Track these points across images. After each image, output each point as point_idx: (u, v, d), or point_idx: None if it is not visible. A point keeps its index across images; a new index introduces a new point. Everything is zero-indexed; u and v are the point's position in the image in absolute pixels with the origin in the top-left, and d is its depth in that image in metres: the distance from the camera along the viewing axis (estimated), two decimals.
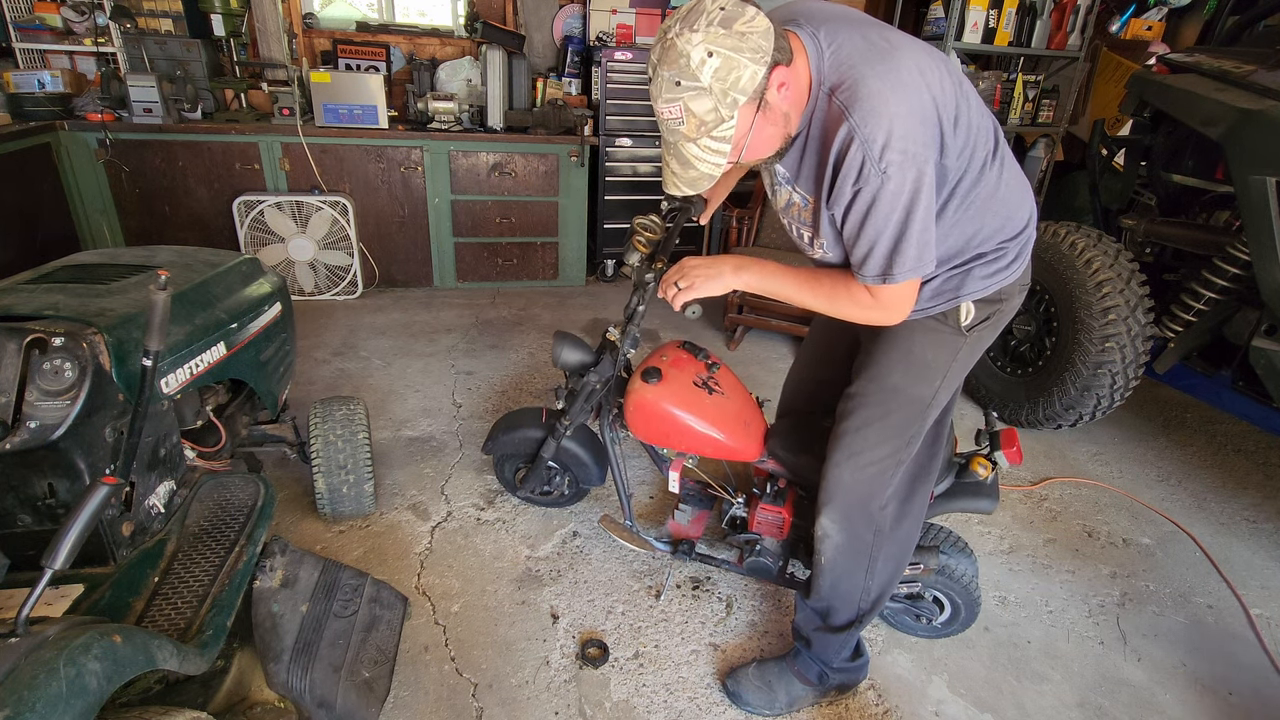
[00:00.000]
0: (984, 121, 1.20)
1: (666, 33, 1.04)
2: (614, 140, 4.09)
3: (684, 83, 1.03)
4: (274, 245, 3.71)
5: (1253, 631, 1.96)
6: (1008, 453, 1.57)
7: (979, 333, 1.36)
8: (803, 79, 1.12)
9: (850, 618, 1.53)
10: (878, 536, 1.44)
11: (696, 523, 1.99)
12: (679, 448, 1.77)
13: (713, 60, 1.00)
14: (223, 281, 1.75)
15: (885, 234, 1.11)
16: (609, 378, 1.79)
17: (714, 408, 1.72)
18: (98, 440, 1.29)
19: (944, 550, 1.68)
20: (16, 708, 0.77)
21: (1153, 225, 2.91)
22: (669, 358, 1.79)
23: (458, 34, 4.45)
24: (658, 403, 1.69)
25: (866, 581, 1.49)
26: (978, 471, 1.56)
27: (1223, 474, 2.74)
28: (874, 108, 1.05)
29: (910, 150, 1.05)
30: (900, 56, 1.09)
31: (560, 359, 1.79)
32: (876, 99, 1.05)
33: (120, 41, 3.51)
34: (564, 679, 1.67)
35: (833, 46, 1.11)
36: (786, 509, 1.76)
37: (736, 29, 1.00)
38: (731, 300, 3.60)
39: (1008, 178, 1.26)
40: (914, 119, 1.06)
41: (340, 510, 2.05)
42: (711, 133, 1.07)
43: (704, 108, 1.04)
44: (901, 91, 1.06)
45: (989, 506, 1.58)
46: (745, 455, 1.74)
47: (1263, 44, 2.78)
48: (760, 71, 1.03)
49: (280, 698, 1.32)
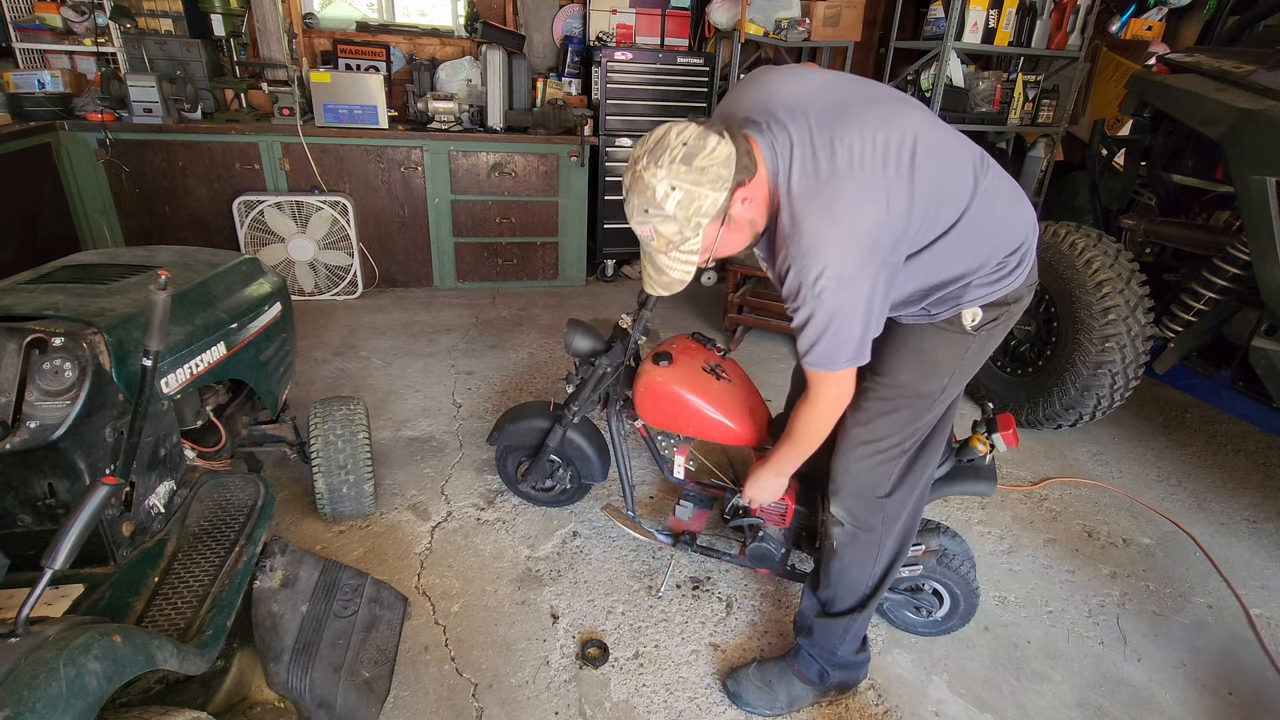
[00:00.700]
0: (954, 173, 1.23)
1: (636, 164, 1.14)
2: (614, 140, 4.09)
3: (651, 210, 1.13)
4: (274, 245, 3.71)
5: (1253, 631, 1.96)
6: (1004, 435, 1.59)
7: (988, 331, 1.38)
8: (764, 185, 1.20)
9: (853, 603, 1.57)
10: (885, 524, 1.48)
11: (697, 519, 1.99)
12: (686, 431, 1.80)
13: (675, 194, 1.10)
14: (223, 281, 1.75)
15: (823, 338, 1.20)
16: (620, 363, 1.83)
17: (722, 392, 1.77)
18: (98, 440, 1.29)
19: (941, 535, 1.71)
20: (16, 708, 0.77)
21: (1153, 225, 2.91)
22: (679, 345, 1.85)
23: (458, 34, 4.45)
24: (667, 384, 1.74)
25: (873, 568, 1.54)
26: (977, 448, 1.59)
27: (1223, 474, 2.74)
28: (810, 244, 1.14)
29: (845, 275, 1.14)
30: (842, 186, 1.14)
31: (572, 345, 1.83)
32: (813, 235, 1.14)
33: (120, 41, 3.51)
34: (564, 679, 1.67)
35: (788, 163, 1.18)
36: (789, 496, 1.76)
37: (697, 164, 1.09)
38: (731, 300, 3.60)
39: (997, 200, 1.28)
40: (849, 248, 1.13)
41: (340, 510, 2.05)
42: (680, 248, 1.18)
43: (670, 230, 1.15)
44: (838, 228, 1.14)
45: (988, 489, 1.61)
46: (749, 440, 1.78)
47: (1263, 44, 2.78)
48: (721, 197, 1.12)
49: (280, 698, 1.32)
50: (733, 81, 4.07)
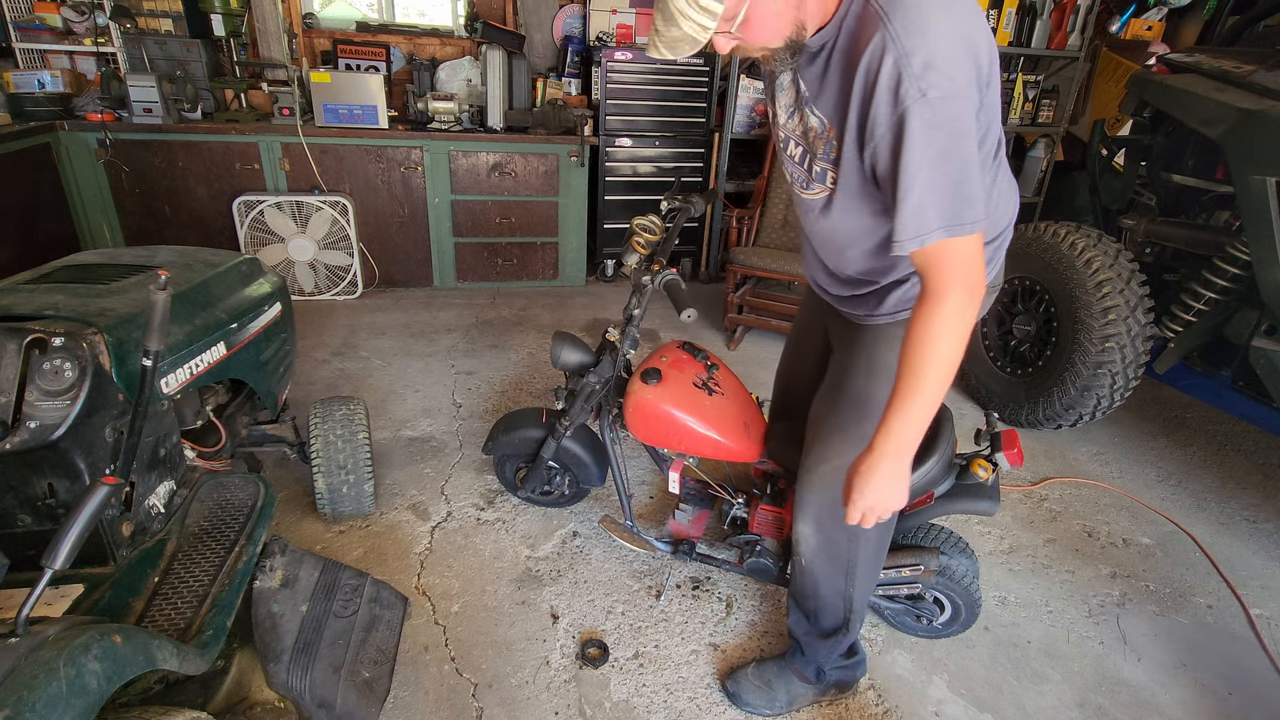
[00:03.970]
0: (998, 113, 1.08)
1: None
2: (614, 140, 4.09)
3: None
4: (274, 245, 3.71)
5: (1253, 631, 1.96)
6: (1008, 454, 1.55)
7: None
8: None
9: (836, 623, 1.52)
10: (852, 541, 1.41)
11: (697, 522, 1.99)
12: (679, 448, 1.76)
13: None
14: (223, 281, 1.75)
15: (939, 171, 0.91)
16: (608, 378, 1.79)
17: (714, 409, 1.72)
18: (98, 440, 1.29)
19: (944, 551, 1.68)
20: (16, 708, 0.77)
21: (1153, 225, 2.91)
22: (669, 358, 1.79)
23: (458, 34, 4.45)
24: (657, 404, 1.69)
25: (847, 587, 1.46)
26: (978, 473, 1.55)
27: (1223, 474, 2.74)
28: (918, 18, 0.88)
29: (954, 76, 0.88)
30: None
31: (560, 360, 1.79)
32: (920, 11, 0.89)
33: (120, 41, 3.51)
34: (564, 679, 1.67)
35: None
36: (786, 509, 1.75)
37: None
38: (731, 300, 3.60)
39: (1002, 175, 1.22)
40: (960, 44, 0.89)
41: (340, 510, 2.05)
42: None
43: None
44: (949, 15, 0.89)
45: (990, 509, 1.57)
46: (745, 456, 1.74)
47: (1263, 44, 2.79)
48: None
49: (280, 698, 1.32)
50: (733, 81, 4.07)
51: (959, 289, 0.96)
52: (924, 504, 1.58)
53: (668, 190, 1.90)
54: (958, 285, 0.96)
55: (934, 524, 1.76)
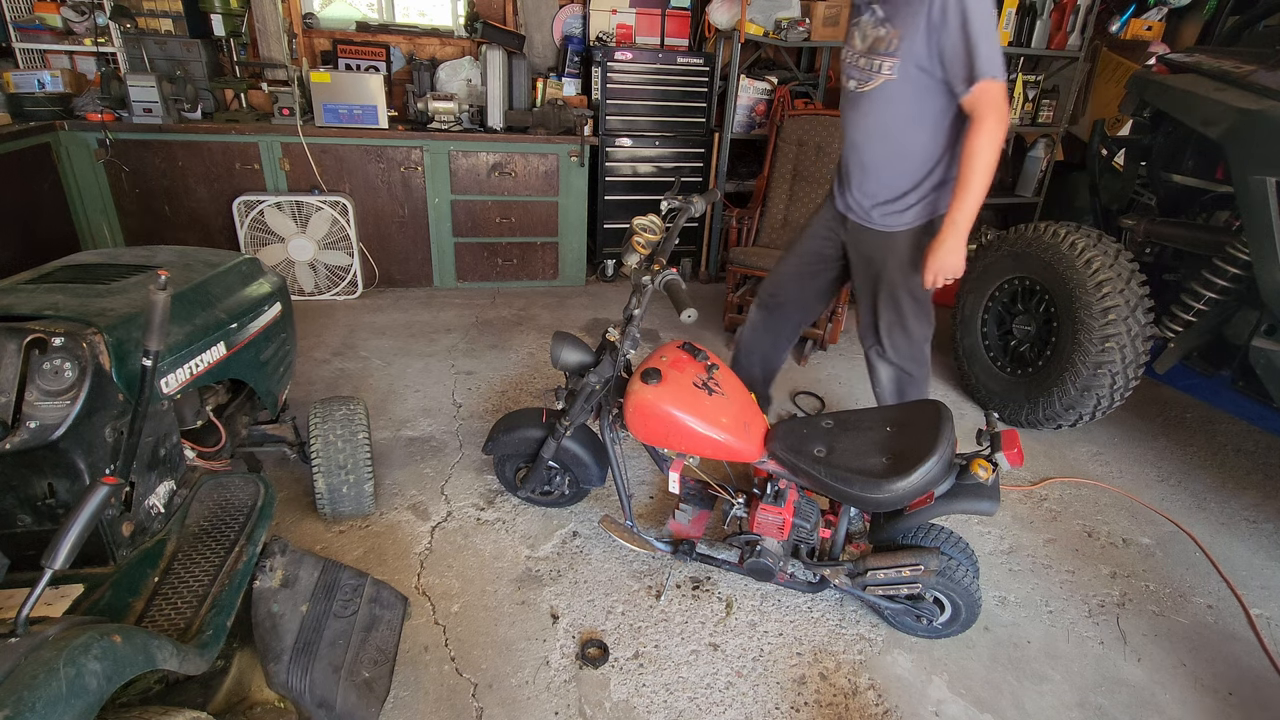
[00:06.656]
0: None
1: None
2: (614, 140, 4.09)
3: None
4: (274, 245, 3.71)
5: (1253, 631, 1.96)
6: (1009, 454, 1.56)
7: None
8: None
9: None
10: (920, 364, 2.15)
11: (697, 522, 1.99)
12: (679, 448, 1.76)
13: None
14: (223, 282, 1.75)
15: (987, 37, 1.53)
16: (608, 378, 1.79)
17: (714, 408, 1.72)
18: (98, 440, 1.29)
19: (944, 551, 1.69)
20: (16, 708, 0.77)
21: (1153, 225, 2.91)
22: (668, 358, 1.79)
23: (458, 34, 4.45)
24: (657, 404, 1.69)
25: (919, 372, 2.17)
26: (978, 473, 1.56)
27: (1223, 474, 2.74)
28: None
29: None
30: None
31: (559, 360, 1.79)
32: None
33: (120, 41, 3.51)
34: (564, 679, 1.67)
35: None
36: (787, 509, 1.75)
37: None
38: (731, 300, 3.60)
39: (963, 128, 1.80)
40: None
41: (340, 510, 2.05)
42: None
43: None
44: None
45: (990, 508, 1.57)
46: (745, 456, 1.74)
47: (1263, 44, 2.79)
48: None
49: (280, 698, 1.32)
50: (732, 81, 4.08)
51: (995, 117, 1.59)
52: (924, 504, 1.59)
53: (668, 190, 1.90)
54: (994, 114, 1.59)
55: (934, 524, 1.77)
